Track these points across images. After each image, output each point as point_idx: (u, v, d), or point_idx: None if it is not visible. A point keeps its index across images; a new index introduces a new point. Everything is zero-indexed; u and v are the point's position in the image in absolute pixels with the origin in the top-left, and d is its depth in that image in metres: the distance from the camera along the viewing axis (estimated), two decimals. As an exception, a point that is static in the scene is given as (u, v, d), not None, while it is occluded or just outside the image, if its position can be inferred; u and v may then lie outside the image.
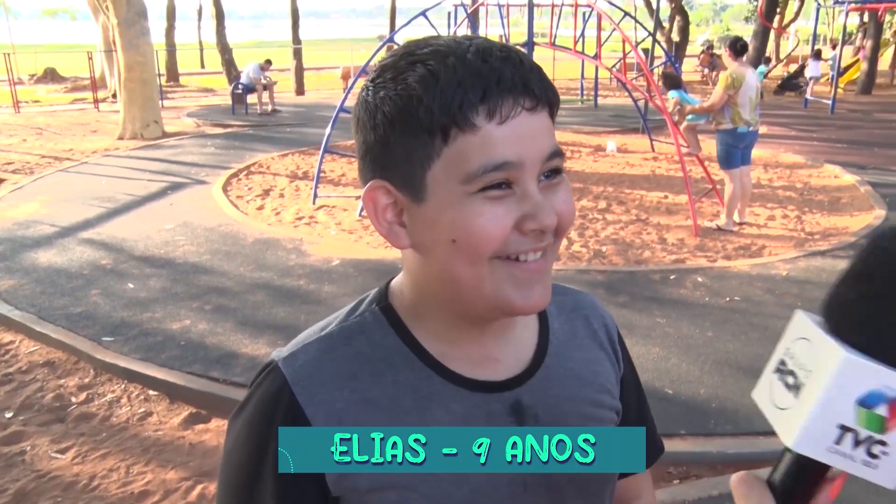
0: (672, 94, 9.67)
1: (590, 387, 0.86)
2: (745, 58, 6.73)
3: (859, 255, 0.53)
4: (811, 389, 0.51)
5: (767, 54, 19.91)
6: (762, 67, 17.51)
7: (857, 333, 0.50)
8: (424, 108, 0.67)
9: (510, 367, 0.81)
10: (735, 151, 6.65)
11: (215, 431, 3.58)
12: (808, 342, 0.53)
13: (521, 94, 0.67)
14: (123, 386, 4.03)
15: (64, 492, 3.14)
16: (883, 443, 0.50)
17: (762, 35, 19.31)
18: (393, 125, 0.69)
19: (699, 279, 5.44)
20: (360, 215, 7.27)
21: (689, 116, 9.59)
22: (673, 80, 9.97)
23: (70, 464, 3.34)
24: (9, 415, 3.75)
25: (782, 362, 0.55)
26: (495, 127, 0.67)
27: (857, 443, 0.50)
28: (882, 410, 0.50)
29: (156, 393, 3.94)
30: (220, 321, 4.67)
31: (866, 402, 0.49)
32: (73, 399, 3.91)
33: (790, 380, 0.53)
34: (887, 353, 0.49)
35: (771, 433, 0.56)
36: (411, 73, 0.68)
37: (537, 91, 0.68)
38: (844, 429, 0.50)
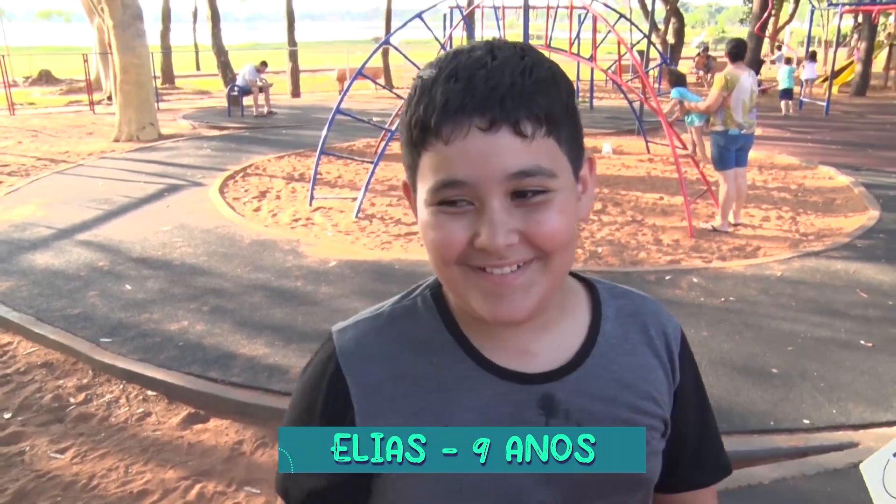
0: (674, 94, 9.71)
1: (632, 392, 0.84)
2: (744, 61, 6.74)
3: None
4: None
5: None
6: (792, 68, 17.10)
7: None
8: (406, 123, 0.74)
9: (547, 363, 0.82)
10: (727, 153, 6.68)
11: (213, 431, 3.60)
12: None
13: (473, 114, 0.68)
14: (122, 386, 4.04)
15: (63, 491, 3.15)
16: None
17: (756, 38, 19.39)
18: (402, 133, 0.76)
19: (694, 280, 5.47)
20: (355, 216, 7.30)
21: (688, 118, 9.65)
22: (677, 78, 10.02)
23: (69, 464, 3.35)
24: (8, 415, 3.76)
25: None
26: (444, 147, 0.70)
27: None
28: None
29: (154, 393, 3.96)
30: (218, 322, 4.69)
31: None
32: (72, 399, 3.92)
33: None
34: None
35: (765, 431, 0.54)
36: (414, 87, 0.74)
37: (496, 111, 0.68)
38: None
